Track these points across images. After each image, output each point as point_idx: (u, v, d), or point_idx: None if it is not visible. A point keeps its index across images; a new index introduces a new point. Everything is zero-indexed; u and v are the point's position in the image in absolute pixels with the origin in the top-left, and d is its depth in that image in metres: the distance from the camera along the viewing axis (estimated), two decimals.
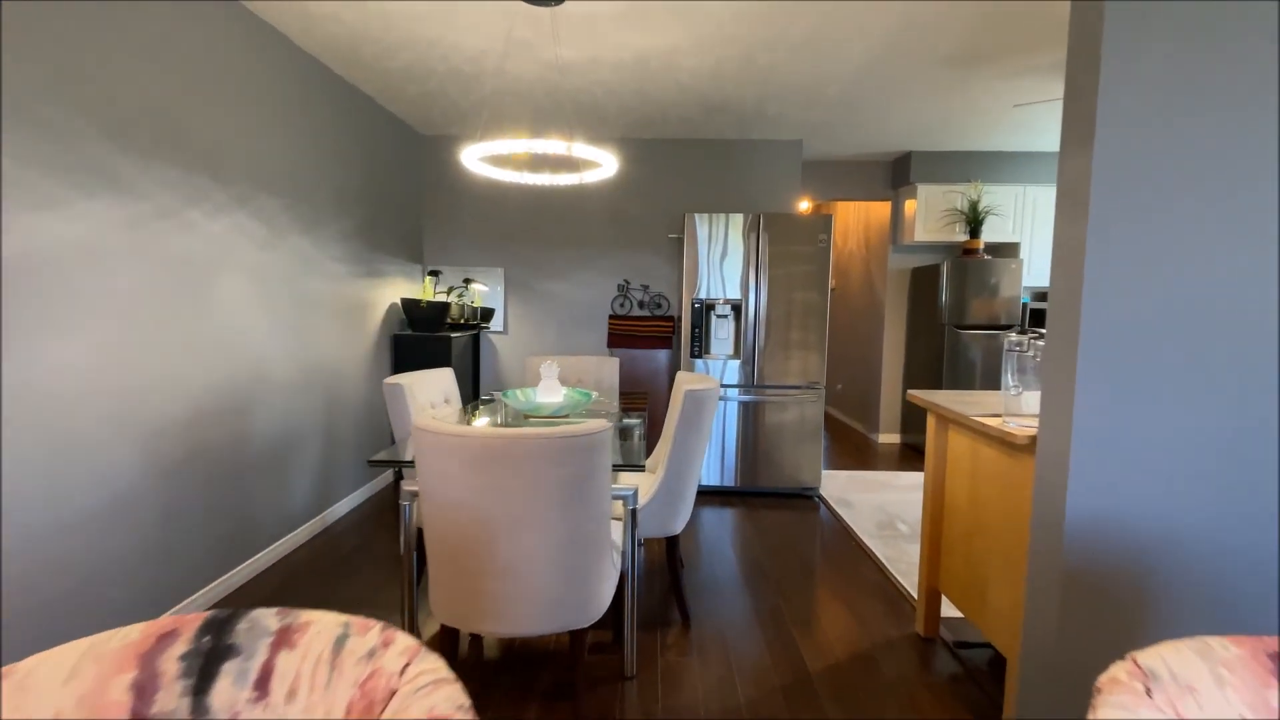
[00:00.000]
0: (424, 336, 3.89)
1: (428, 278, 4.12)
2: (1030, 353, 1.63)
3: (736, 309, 3.83)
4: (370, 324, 3.70)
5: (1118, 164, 1.33)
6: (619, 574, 1.85)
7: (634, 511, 1.90)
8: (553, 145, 2.09)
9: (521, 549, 1.52)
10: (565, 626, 1.62)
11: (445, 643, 1.72)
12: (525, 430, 1.44)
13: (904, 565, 2.78)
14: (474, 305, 4.39)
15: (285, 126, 2.80)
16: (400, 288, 4.12)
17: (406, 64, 3.10)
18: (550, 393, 2.42)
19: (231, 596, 2.47)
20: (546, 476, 1.47)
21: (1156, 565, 1.43)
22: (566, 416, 2.40)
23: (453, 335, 3.90)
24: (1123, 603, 1.46)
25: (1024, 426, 1.64)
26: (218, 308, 2.41)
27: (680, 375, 2.53)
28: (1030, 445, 1.59)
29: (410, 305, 3.87)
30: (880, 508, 3.60)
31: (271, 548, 2.78)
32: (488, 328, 4.53)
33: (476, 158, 2.24)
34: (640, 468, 1.82)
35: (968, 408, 1.91)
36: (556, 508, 1.50)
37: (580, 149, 2.12)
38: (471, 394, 4.40)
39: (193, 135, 2.25)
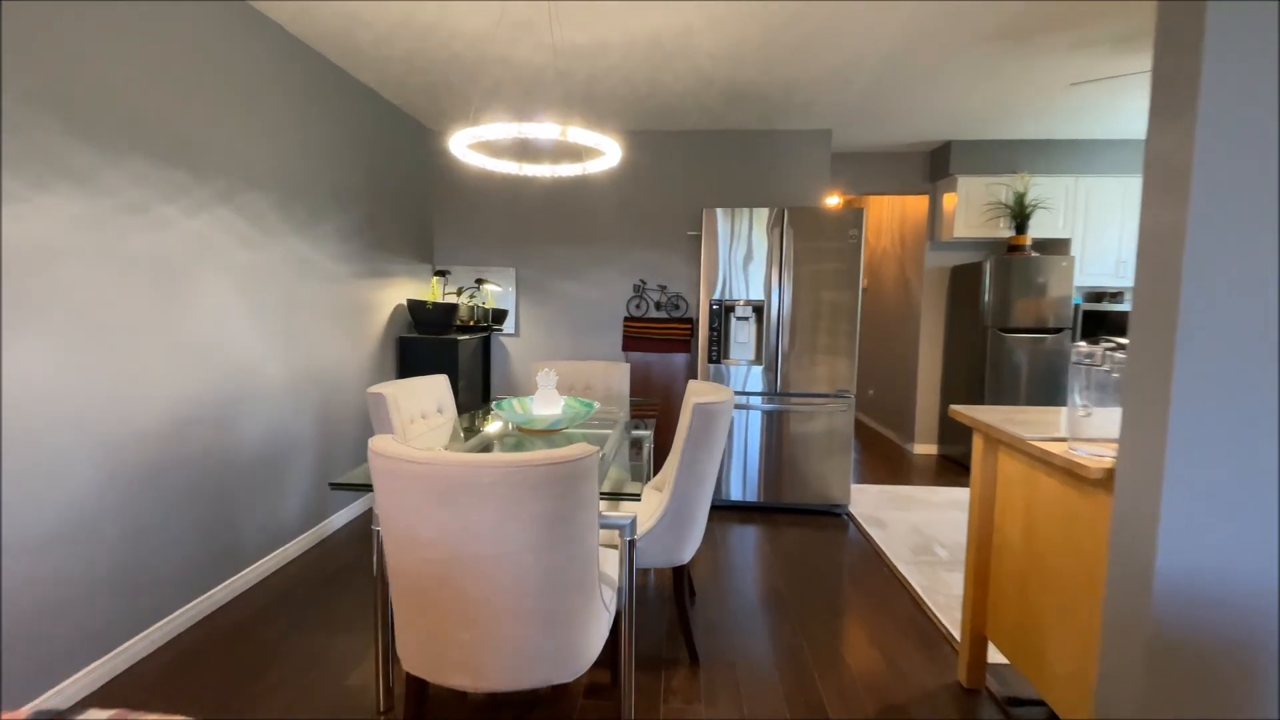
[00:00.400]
0: (430, 339, 3.72)
1: (435, 278, 3.95)
2: (1104, 366, 1.35)
3: (759, 310, 3.56)
4: (373, 327, 3.54)
5: (1230, 130, 1.05)
6: (614, 613, 1.62)
7: (632, 543, 1.67)
8: (546, 130, 1.87)
9: (492, 593, 1.30)
10: (546, 681, 1.40)
11: (413, 692, 1.51)
12: (492, 456, 1.22)
13: (942, 598, 2.48)
14: (485, 306, 4.21)
15: (275, 119, 2.65)
16: (407, 288, 3.96)
17: (406, 52, 2.93)
18: (547, 403, 2.21)
19: (215, 614, 2.32)
20: (519, 510, 1.25)
21: (1273, 637, 1.14)
22: (564, 429, 2.19)
23: (460, 338, 3.73)
24: (1228, 680, 1.17)
25: (1096, 455, 1.36)
26: (197, 310, 2.26)
27: (692, 385, 2.28)
28: (1106, 479, 1.31)
29: (416, 307, 3.71)
30: (916, 528, 3.29)
31: (259, 563, 2.63)
32: (500, 330, 4.34)
33: (465, 144, 2.04)
34: (636, 497, 1.59)
35: (1022, 428, 1.63)
36: (532, 546, 1.28)
37: (576, 133, 1.90)
38: (481, 399, 4.22)
39: (165, 126, 2.10)
